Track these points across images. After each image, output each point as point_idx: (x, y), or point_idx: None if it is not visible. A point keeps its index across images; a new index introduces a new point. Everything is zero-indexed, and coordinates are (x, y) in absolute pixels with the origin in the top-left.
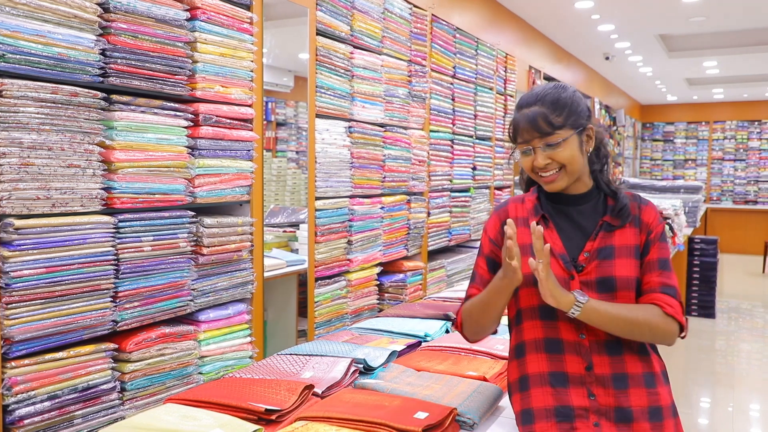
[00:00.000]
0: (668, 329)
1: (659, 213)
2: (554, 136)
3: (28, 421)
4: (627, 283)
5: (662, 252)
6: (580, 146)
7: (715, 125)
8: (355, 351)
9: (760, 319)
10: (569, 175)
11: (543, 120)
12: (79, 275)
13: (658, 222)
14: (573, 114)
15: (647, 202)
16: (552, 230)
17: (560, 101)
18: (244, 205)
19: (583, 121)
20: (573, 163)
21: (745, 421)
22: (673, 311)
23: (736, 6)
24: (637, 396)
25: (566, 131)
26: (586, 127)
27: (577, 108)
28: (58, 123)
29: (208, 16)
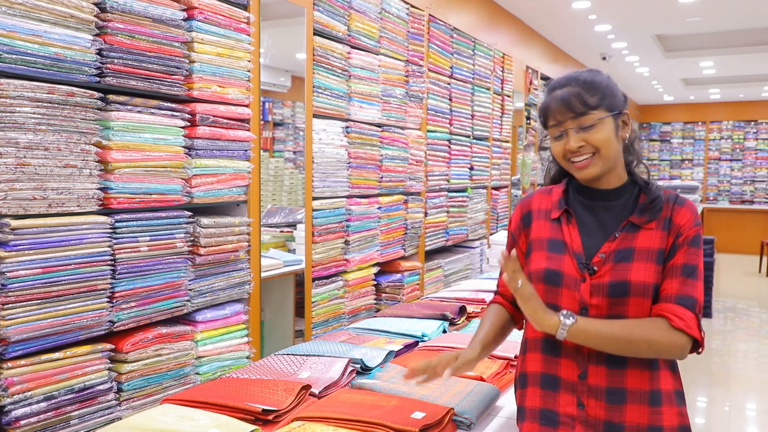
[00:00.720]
0: (673, 344)
1: (696, 215)
2: (589, 116)
3: (24, 422)
4: (642, 290)
5: (690, 257)
6: (615, 130)
7: (711, 125)
8: (352, 351)
9: (757, 318)
10: (603, 161)
11: (577, 99)
12: (75, 275)
13: (692, 225)
14: (608, 96)
15: (684, 202)
16: (573, 226)
17: (595, 82)
18: (241, 206)
19: (619, 104)
20: (608, 147)
21: (741, 421)
22: (682, 324)
23: (733, 6)
24: (634, 413)
25: (601, 112)
26: (622, 112)
27: (612, 90)
28: (55, 123)
29: (205, 16)
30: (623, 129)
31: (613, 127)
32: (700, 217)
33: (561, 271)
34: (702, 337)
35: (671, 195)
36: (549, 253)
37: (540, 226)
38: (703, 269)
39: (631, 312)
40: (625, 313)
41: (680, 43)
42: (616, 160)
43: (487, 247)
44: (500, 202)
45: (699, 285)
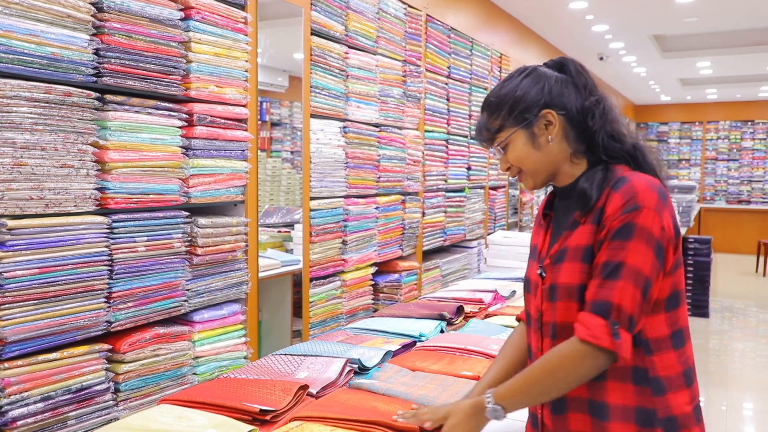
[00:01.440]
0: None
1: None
2: (497, 140)
3: (21, 423)
4: (567, 292)
5: (612, 254)
6: (530, 140)
7: (708, 125)
8: (349, 351)
9: (754, 318)
10: (532, 175)
11: (484, 128)
12: (72, 276)
13: (619, 213)
14: (514, 108)
15: (622, 185)
16: (548, 230)
17: (499, 99)
18: (238, 206)
19: (531, 110)
20: (524, 162)
21: (738, 420)
22: (586, 334)
23: (730, 7)
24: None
25: (507, 131)
26: (538, 115)
27: (520, 99)
28: (52, 123)
29: (203, 16)
30: (546, 131)
31: (527, 138)
32: (639, 200)
33: (528, 277)
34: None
35: (618, 179)
36: (529, 260)
37: (534, 231)
38: (640, 263)
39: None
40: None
41: (677, 44)
42: (554, 164)
43: (485, 247)
44: (498, 202)
45: (619, 285)
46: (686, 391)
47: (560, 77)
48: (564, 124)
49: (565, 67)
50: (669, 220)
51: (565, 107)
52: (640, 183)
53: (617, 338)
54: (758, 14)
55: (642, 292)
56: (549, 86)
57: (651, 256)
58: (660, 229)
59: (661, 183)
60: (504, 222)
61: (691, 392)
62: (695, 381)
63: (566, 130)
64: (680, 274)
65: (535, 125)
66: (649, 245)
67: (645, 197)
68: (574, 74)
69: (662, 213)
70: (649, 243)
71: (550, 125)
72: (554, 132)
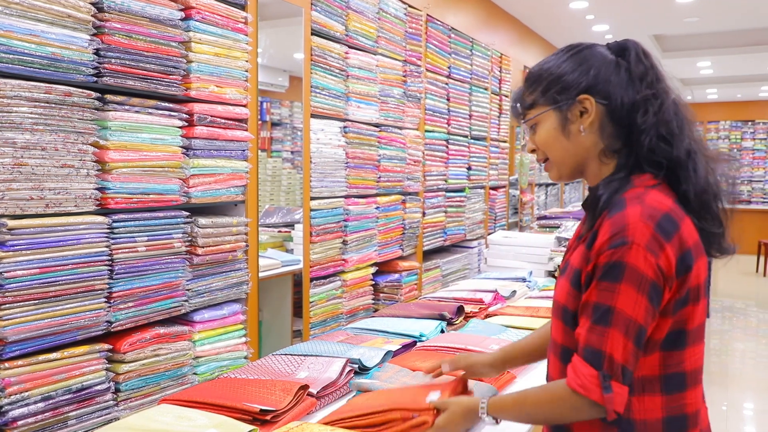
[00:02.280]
0: (576, 411)
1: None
2: (528, 116)
3: (21, 423)
4: (558, 309)
5: (601, 295)
6: (561, 125)
7: (709, 125)
8: (350, 351)
9: (754, 318)
10: (557, 165)
11: (518, 99)
12: (73, 276)
13: (606, 248)
14: (551, 86)
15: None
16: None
17: (539, 74)
18: (239, 205)
19: (569, 92)
20: (549, 148)
21: (738, 420)
22: (576, 383)
23: (730, 7)
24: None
25: (538, 109)
26: (575, 100)
27: (558, 78)
28: (52, 123)
29: (203, 16)
30: (579, 120)
31: (558, 122)
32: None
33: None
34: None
35: (619, 201)
36: None
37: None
38: (631, 310)
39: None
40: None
41: (678, 43)
42: (583, 157)
43: (485, 247)
44: (498, 202)
45: (612, 334)
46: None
47: (614, 62)
48: (602, 116)
49: (626, 51)
50: (670, 258)
51: (609, 97)
52: (634, 213)
53: (608, 392)
54: (758, 14)
55: (635, 340)
56: (596, 70)
57: (644, 301)
58: (655, 269)
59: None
60: (504, 222)
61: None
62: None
63: (603, 122)
64: (696, 312)
65: (569, 110)
66: (641, 290)
67: (635, 232)
68: (632, 61)
69: (659, 251)
70: (641, 288)
71: (585, 113)
72: (588, 122)
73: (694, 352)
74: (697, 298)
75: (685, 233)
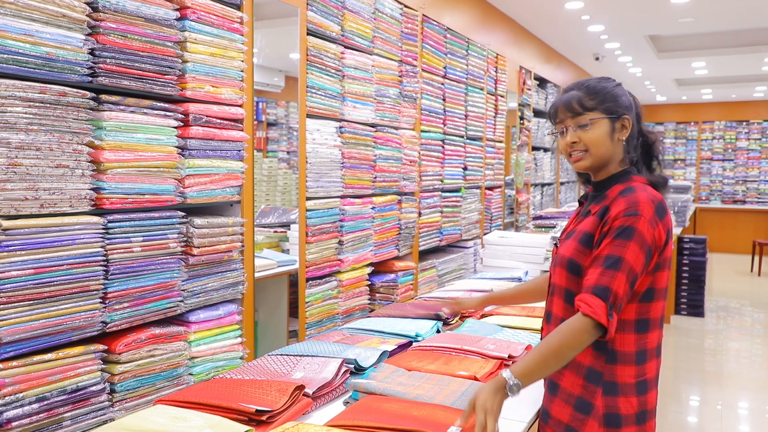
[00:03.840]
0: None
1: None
2: (584, 116)
3: (16, 424)
4: (561, 261)
5: (614, 249)
6: (610, 132)
7: (703, 125)
8: (346, 351)
9: (749, 317)
10: (593, 158)
11: (576, 102)
12: (68, 276)
13: (621, 216)
14: (608, 101)
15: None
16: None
17: (597, 88)
18: (234, 206)
19: (619, 109)
20: (598, 145)
21: (733, 419)
22: (589, 310)
23: (725, 7)
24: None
25: (597, 114)
26: (621, 116)
27: (614, 97)
28: (47, 123)
29: (198, 16)
30: (620, 131)
31: (608, 129)
32: (640, 209)
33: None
34: (608, 323)
35: (628, 188)
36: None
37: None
38: (633, 262)
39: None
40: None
41: (673, 44)
42: (610, 158)
43: (481, 247)
44: (494, 202)
45: (619, 276)
46: (633, 367)
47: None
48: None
49: (635, 98)
50: (661, 233)
51: (634, 123)
52: (643, 196)
53: (611, 318)
54: (753, 15)
55: (631, 285)
56: (630, 102)
57: (642, 258)
58: (652, 237)
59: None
60: (500, 222)
61: (638, 369)
62: (649, 362)
63: (629, 138)
64: (663, 276)
65: (617, 122)
66: (642, 249)
67: (645, 208)
68: (638, 105)
69: (656, 225)
70: (643, 247)
71: (624, 129)
72: (626, 135)
73: (656, 306)
74: (664, 267)
75: (669, 219)
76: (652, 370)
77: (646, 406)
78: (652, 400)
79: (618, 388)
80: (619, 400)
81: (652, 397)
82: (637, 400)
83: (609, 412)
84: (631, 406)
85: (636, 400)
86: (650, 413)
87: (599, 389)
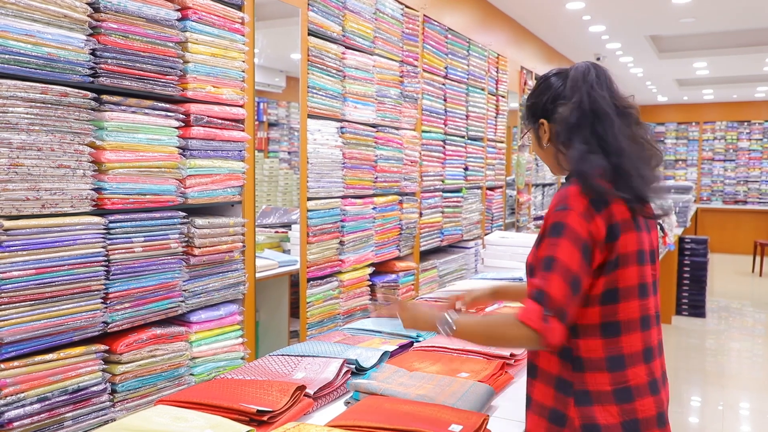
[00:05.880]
0: (520, 336)
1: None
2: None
3: (17, 424)
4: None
5: (548, 249)
6: (537, 140)
7: (705, 126)
8: (347, 351)
9: (750, 318)
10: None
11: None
12: (69, 276)
13: (551, 212)
14: (530, 111)
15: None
16: None
17: (527, 99)
18: (235, 206)
19: (537, 114)
20: (539, 156)
21: (734, 420)
22: (523, 316)
23: (726, 7)
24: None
25: (527, 127)
26: (538, 121)
27: (534, 103)
28: (48, 123)
29: (199, 16)
30: (543, 136)
31: (535, 137)
32: (569, 203)
33: None
34: (543, 328)
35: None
36: None
37: None
38: (568, 261)
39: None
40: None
41: (674, 44)
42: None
43: (482, 247)
44: (495, 202)
45: (553, 278)
46: (605, 374)
47: None
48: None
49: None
50: (600, 226)
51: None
52: (574, 189)
53: (546, 323)
54: (754, 15)
55: (571, 285)
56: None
57: (577, 255)
58: (587, 232)
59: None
60: (501, 222)
61: (614, 376)
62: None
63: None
64: (626, 273)
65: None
66: (576, 245)
67: (574, 201)
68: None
69: (591, 218)
70: (576, 243)
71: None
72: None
73: (626, 306)
74: (626, 263)
75: (615, 211)
76: (638, 376)
77: (635, 414)
78: (646, 407)
79: (591, 397)
80: (595, 410)
81: (645, 404)
82: (619, 409)
83: (586, 423)
84: (611, 416)
85: (616, 408)
86: (646, 422)
87: (570, 399)
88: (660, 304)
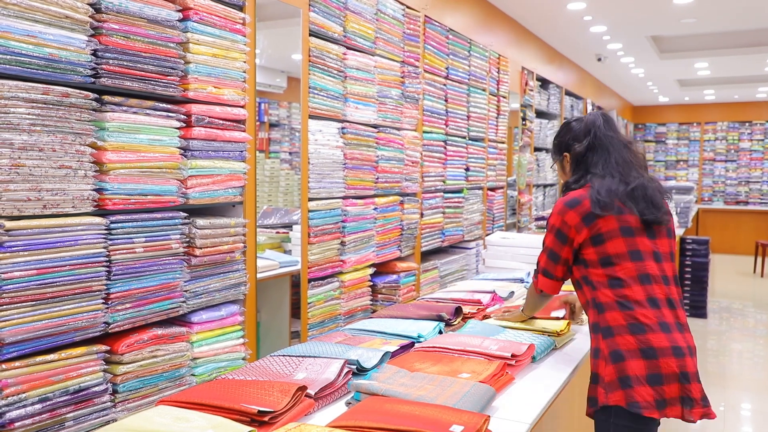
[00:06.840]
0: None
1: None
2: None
3: (18, 424)
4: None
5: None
6: (561, 168)
7: (706, 126)
8: (348, 352)
9: (752, 318)
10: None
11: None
12: (70, 277)
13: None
14: (553, 150)
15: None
16: None
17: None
18: (236, 206)
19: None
20: (560, 177)
21: (736, 421)
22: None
23: (727, 8)
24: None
25: (555, 159)
26: (562, 156)
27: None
28: (49, 124)
29: (201, 17)
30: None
31: (560, 167)
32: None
33: None
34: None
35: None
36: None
37: None
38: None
39: None
40: None
41: (675, 45)
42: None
43: (483, 247)
44: (496, 203)
45: (542, 255)
46: (619, 312)
47: None
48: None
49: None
50: (573, 216)
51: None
52: (560, 199)
53: (535, 278)
54: (756, 15)
55: (549, 257)
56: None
57: (553, 238)
58: (561, 222)
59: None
60: (502, 223)
61: (625, 314)
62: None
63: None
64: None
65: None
66: (552, 232)
67: (556, 206)
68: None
69: (565, 212)
70: (552, 231)
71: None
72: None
73: (622, 267)
74: (610, 238)
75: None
76: (646, 316)
77: (650, 344)
78: (659, 340)
79: (612, 330)
80: (617, 339)
81: (658, 339)
82: (635, 339)
83: (612, 350)
84: (629, 343)
85: (633, 338)
86: (661, 351)
87: (599, 335)
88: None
